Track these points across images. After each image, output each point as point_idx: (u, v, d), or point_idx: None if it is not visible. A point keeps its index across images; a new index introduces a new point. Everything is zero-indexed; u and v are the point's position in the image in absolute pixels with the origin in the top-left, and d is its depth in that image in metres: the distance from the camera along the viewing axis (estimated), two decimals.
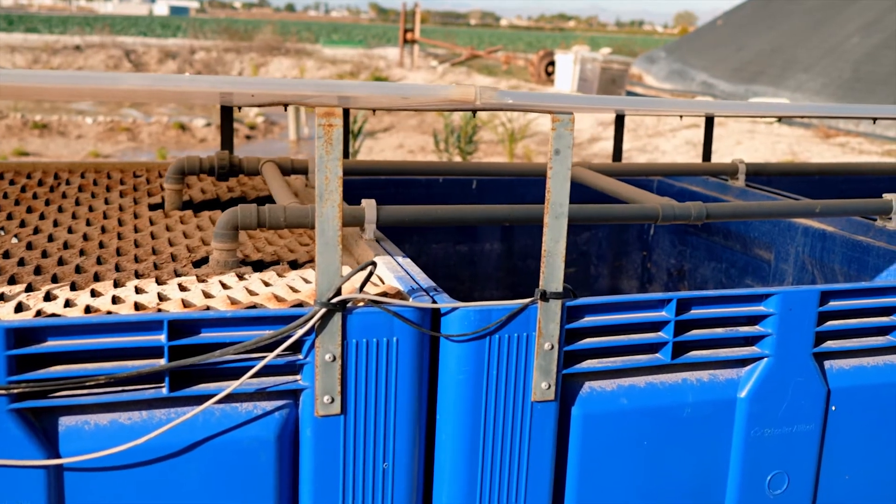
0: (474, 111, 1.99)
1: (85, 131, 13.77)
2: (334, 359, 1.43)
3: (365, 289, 1.58)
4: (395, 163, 2.92)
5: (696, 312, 1.67)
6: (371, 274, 1.48)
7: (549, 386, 1.56)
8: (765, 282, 2.83)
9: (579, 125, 14.84)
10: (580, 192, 2.98)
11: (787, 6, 20.71)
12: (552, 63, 20.24)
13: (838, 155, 11.75)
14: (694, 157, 12.12)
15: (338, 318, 1.42)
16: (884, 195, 2.33)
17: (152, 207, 2.36)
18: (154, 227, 2.14)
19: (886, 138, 12.94)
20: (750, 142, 12.25)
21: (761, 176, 3.01)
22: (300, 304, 1.51)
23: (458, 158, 10.28)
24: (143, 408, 1.41)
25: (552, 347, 1.54)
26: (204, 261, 1.85)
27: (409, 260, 1.77)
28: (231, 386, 1.39)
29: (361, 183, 2.98)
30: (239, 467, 1.44)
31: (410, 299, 1.52)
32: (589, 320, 1.60)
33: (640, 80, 21.30)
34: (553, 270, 1.52)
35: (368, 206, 1.87)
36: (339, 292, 1.42)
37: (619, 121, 3.33)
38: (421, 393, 1.51)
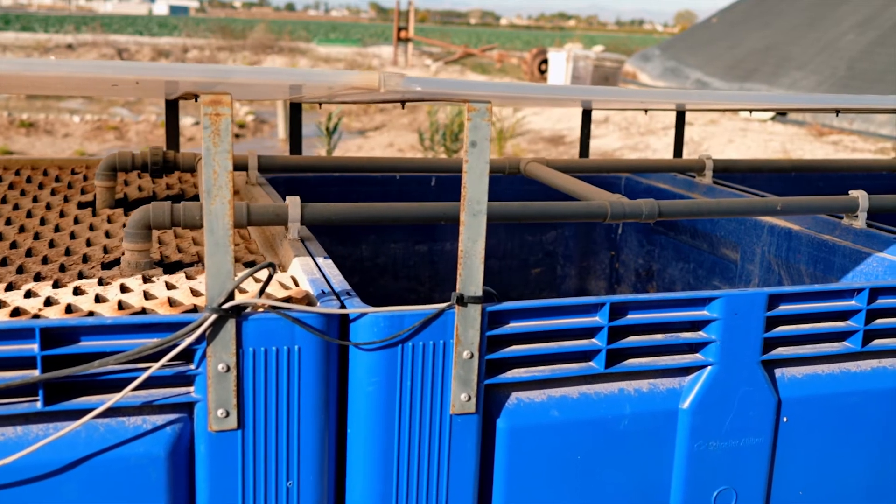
0: (405, 102, 1.88)
1: (72, 130, 13.63)
2: (228, 369, 1.32)
3: (268, 293, 1.46)
4: (349, 159, 2.80)
5: (633, 317, 1.55)
6: (271, 276, 1.36)
7: (470, 397, 1.44)
8: (732, 283, 2.71)
9: (570, 122, 14.71)
10: (537, 189, 2.87)
11: (783, 3, 20.57)
12: (545, 61, 20.11)
13: (831, 153, 11.63)
14: (685, 155, 11.99)
15: (231, 325, 1.31)
16: (850, 192, 2.22)
17: (82, 206, 2.24)
18: (77, 227, 2.02)
19: (880, 136, 12.82)
20: (742, 140, 12.13)
21: (731, 172, 2.90)
22: (194, 310, 1.39)
23: (444, 156, 10.15)
24: (18, 423, 1.29)
25: (472, 356, 1.43)
26: (117, 262, 1.74)
27: (330, 262, 1.65)
28: (112, 399, 1.27)
29: (314, 180, 2.87)
30: (127, 486, 1.32)
31: (318, 304, 1.41)
32: (514, 326, 1.48)
33: (635, 77, 21.16)
34: (471, 272, 1.40)
35: (292, 203, 1.75)
36: (231, 297, 1.30)
37: (586, 115, 3.21)
38: (328, 405, 1.40)
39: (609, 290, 3.30)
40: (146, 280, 1.59)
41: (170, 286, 1.55)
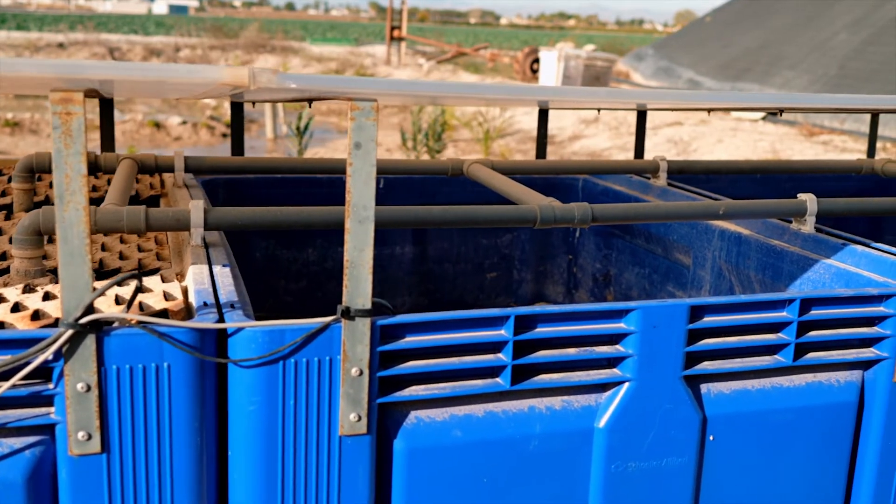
0: (313, 102, 1.78)
1: None
2: (89, 389, 1.22)
3: (149, 304, 1.36)
4: (282, 160, 2.71)
5: (542, 331, 1.45)
6: (139, 287, 1.27)
7: (360, 417, 1.34)
8: (685, 289, 2.61)
9: (560, 122, 14.61)
10: (480, 191, 2.77)
11: (777, 2, 20.45)
12: (537, 60, 19.99)
13: (820, 153, 11.53)
14: (675, 155, 11.90)
15: (91, 341, 1.21)
16: (798, 195, 2.12)
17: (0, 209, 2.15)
18: None
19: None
20: (731, 139, 12.03)
21: (686, 174, 2.80)
22: (56, 324, 1.29)
23: (426, 156, 10.04)
24: None
25: (361, 373, 1.33)
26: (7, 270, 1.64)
27: (228, 270, 1.55)
28: None
29: (257, 182, 2.77)
30: None
31: (196, 316, 1.31)
32: (410, 341, 1.38)
33: (628, 77, 21.05)
34: (358, 283, 1.30)
35: (195, 208, 1.65)
36: (90, 310, 1.21)
37: (543, 115, 3.12)
38: (204, 427, 1.30)
39: (567, 295, 3.20)
40: (28, 290, 1.49)
41: (50, 297, 1.45)
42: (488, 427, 1.44)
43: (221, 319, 1.31)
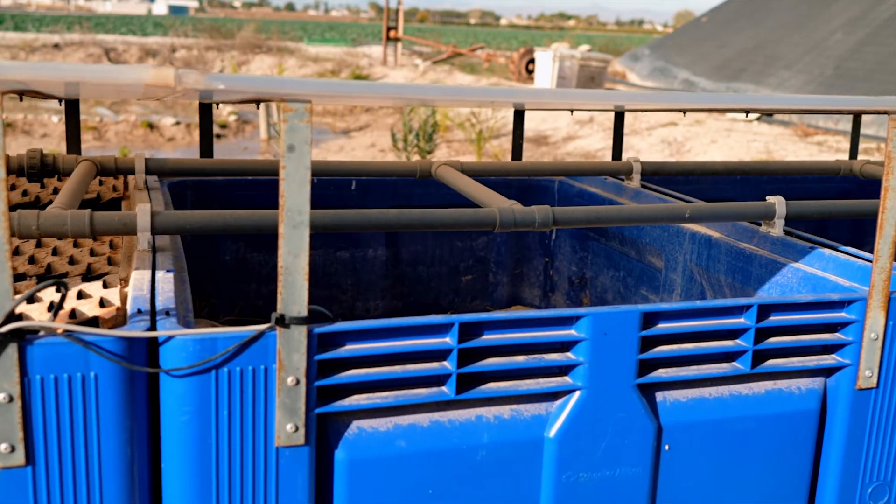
0: (246, 102, 1.73)
1: (50, 130, 13.49)
2: (11, 399, 1.18)
3: (82, 311, 1.33)
4: (257, 162, 2.67)
5: (489, 338, 1.41)
6: (65, 295, 1.23)
7: (297, 428, 1.30)
8: (657, 292, 2.58)
9: (555, 123, 14.57)
10: (456, 193, 2.73)
11: (773, 2, 20.40)
12: (532, 60, 19.94)
13: (814, 153, 11.49)
14: (668, 156, 11.86)
15: (13, 350, 1.17)
16: (767, 197, 2.08)
17: None
18: None
19: (865, 136, 12.67)
20: (725, 140, 11.99)
21: (660, 175, 2.76)
22: None
23: (416, 157, 10.00)
24: None
25: (297, 382, 1.29)
26: None
27: (172, 276, 1.51)
28: None
29: (223, 184, 2.73)
30: None
31: (128, 324, 1.27)
32: (351, 349, 1.34)
33: (624, 77, 21.01)
34: (293, 290, 1.27)
35: (141, 212, 1.61)
36: (11, 318, 1.17)
37: (518, 116, 3.08)
38: (135, 437, 1.26)
39: (543, 298, 3.17)
40: None
41: None
42: (434, 437, 1.40)
43: (154, 327, 1.28)
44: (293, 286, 1.26)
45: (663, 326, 1.50)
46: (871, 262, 1.87)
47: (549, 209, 1.83)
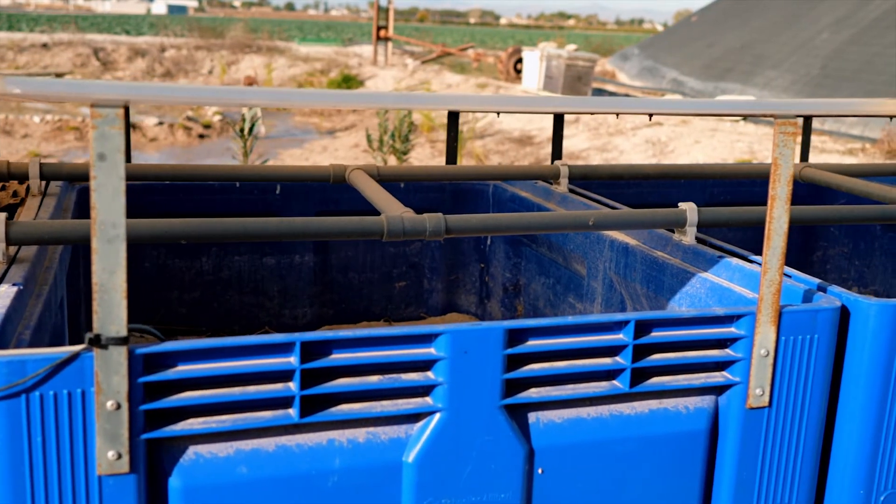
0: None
1: (32, 130, 13.38)
2: None
3: None
4: (173, 167, 2.58)
5: (339, 357, 1.33)
6: None
7: (121, 455, 1.22)
8: (582, 300, 2.49)
9: (541, 123, 14.49)
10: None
11: (763, 1, 20.31)
12: (521, 60, 19.86)
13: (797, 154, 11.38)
14: (651, 156, 11.78)
15: None
16: (679, 204, 2.00)
17: None
18: None
19: (850, 136, 12.60)
20: (709, 140, 11.90)
21: (589, 179, 2.68)
22: None
23: (392, 158, 9.91)
24: None
25: (119, 406, 1.20)
26: None
27: (14, 290, 1.42)
28: None
29: (138, 188, 2.65)
30: None
31: None
32: (183, 370, 1.26)
33: (614, 77, 20.93)
34: (110, 309, 1.18)
35: None
36: None
37: (453, 117, 3.00)
38: None
39: (479, 305, 3.08)
40: None
41: None
42: (279, 462, 1.32)
43: None
44: (110, 304, 1.18)
45: (533, 344, 1.42)
46: (787, 274, 1.79)
47: (440, 217, 1.75)
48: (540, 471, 1.45)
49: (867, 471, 1.66)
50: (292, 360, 1.30)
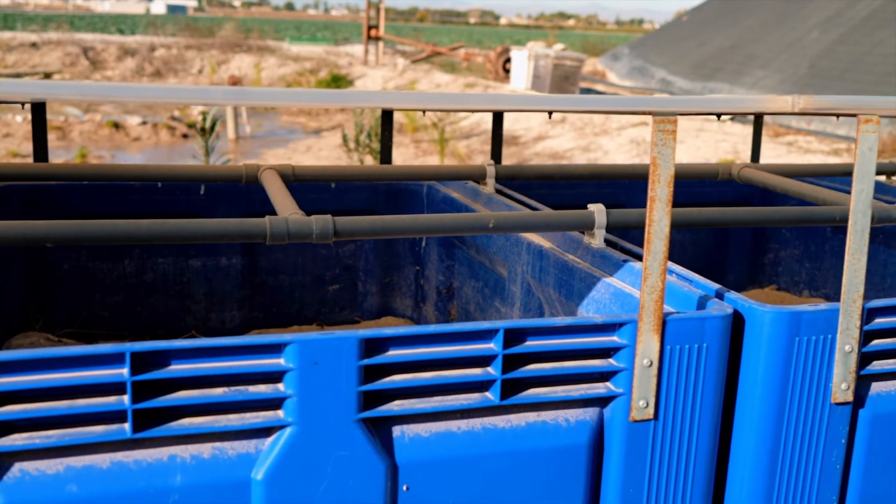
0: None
1: (14, 130, 13.30)
2: None
3: None
4: (97, 166, 2.52)
5: (176, 369, 1.25)
6: None
7: None
8: (506, 305, 2.42)
9: (528, 122, 14.43)
10: (314, 199, 2.57)
11: (753, 1, 20.23)
12: (509, 60, 19.78)
13: (783, 154, 11.33)
14: (634, 156, 11.70)
15: None
16: (588, 206, 1.93)
17: None
18: None
19: (837, 136, 12.52)
20: (693, 140, 11.83)
21: (516, 180, 2.61)
22: None
23: (369, 158, 9.81)
24: None
25: None
26: None
27: None
28: None
29: (59, 189, 2.57)
30: None
31: None
32: (4, 382, 1.18)
33: (604, 76, 20.86)
34: None
35: None
36: None
37: (386, 117, 2.94)
38: None
39: (415, 308, 3.01)
40: None
41: None
42: (113, 479, 1.24)
43: None
44: None
45: (393, 354, 1.34)
46: (687, 279, 1.72)
47: (328, 219, 1.68)
48: (405, 488, 1.38)
49: (765, 484, 1.59)
50: (124, 371, 1.22)
